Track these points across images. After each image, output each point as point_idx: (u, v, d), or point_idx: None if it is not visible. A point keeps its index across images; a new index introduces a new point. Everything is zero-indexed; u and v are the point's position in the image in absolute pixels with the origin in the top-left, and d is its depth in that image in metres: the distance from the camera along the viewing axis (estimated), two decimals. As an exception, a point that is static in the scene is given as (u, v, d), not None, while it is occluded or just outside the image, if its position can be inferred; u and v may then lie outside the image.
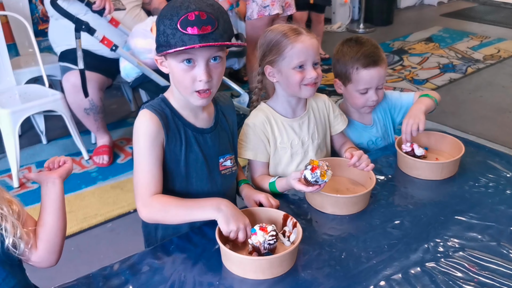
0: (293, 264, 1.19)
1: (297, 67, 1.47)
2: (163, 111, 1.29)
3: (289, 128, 1.57)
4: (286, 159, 1.58)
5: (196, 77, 1.20)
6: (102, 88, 2.99)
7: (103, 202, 2.72)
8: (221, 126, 1.40)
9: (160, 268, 1.18)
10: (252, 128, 1.54)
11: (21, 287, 1.13)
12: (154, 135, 1.25)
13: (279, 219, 1.29)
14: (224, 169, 1.41)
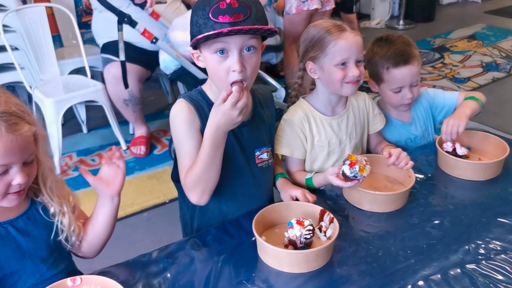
0: (328, 260, 1.19)
1: (340, 64, 1.45)
2: (199, 102, 1.31)
3: (327, 126, 1.56)
4: (323, 158, 1.57)
5: (230, 67, 1.19)
6: (142, 79, 3.05)
7: (140, 192, 2.78)
8: (259, 119, 1.40)
9: (197, 258, 1.20)
10: (289, 125, 1.53)
11: (68, 272, 1.17)
12: (190, 121, 1.27)
13: (315, 214, 1.29)
14: (261, 162, 1.41)
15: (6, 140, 0.95)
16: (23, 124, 0.98)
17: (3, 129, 0.95)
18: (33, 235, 1.10)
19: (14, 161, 0.99)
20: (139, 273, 1.14)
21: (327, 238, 1.24)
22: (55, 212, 1.11)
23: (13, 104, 0.99)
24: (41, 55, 3.07)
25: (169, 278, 1.13)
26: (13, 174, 1.00)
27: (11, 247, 1.08)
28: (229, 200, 1.41)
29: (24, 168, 1.02)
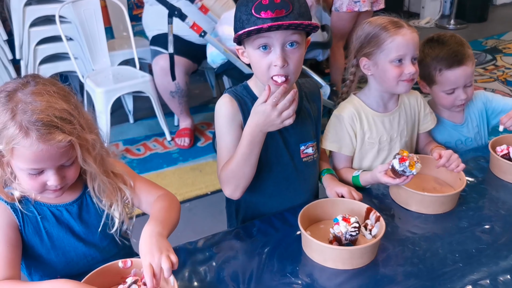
0: (373, 258, 1.18)
1: (396, 61, 1.42)
2: (243, 97, 1.32)
3: (379, 123, 1.54)
4: (372, 155, 1.55)
5: (272, 62, 1.19)
6: (188, 72, 3.10)
7: (183, 183, 2.83)
8: (305, 113, 1.40)
9: (242, 249, 1.22)
10: (339, 120, 1.52)
11: (123, 255, 1.20)
12: (232, 116, 1.30)
13: (361, 212, 1.28)
14: (306, 157, 1.41)
15: (36, 148, 0.95)
16: (57, 133, 0.95)
17: (34, 137, 0.94)
18: (85, 220, 1.15)
19: (47, 167, 1.00)
20: (186, 260, 1.17)
21: (373, 236, 1.23)
22: (105, 207, 1.14)
23: (54, 110, 0.96)
24: (94, 45, 3.17)
25: (214, 266, 1.15)
26: (48, 176, 1.01)
27: (65, 230, 1.12)
28: (273, 195, 1.42)
29: (61, 170, 1.02)
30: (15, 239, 1.06)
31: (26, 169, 0.99)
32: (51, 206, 1.11)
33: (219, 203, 2.58)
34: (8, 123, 0.95)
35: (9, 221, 1.05)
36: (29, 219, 1.07)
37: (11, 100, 0.97)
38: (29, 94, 0.97)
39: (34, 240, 1.09)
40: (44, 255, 1.11)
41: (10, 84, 1.01)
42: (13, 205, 1.06)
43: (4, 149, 0.97)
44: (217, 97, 3.92)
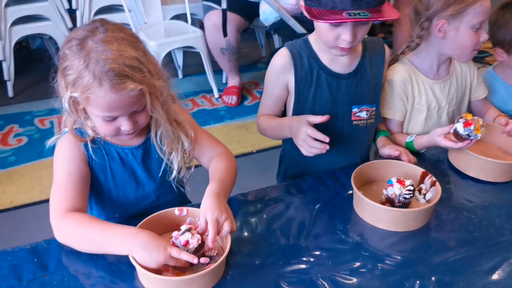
0: (426, 223, 1.16)
1: (476, 26, 1.36)
2: (300, 52, 1.32)
3: (429, 90, 1.49)
4: (419, 122, 1.51)
5: (341, 35, 1.19)
6: (240, 30, 3.07)
7: (229, 140, 2.85)
8: (363, 75, 1.36)
9: (293, 204, 1.22)
10: (392, 86, 1.47)
11: (178, 202, 1.25)
12: (281, 70, 1.33)
13: (416, 176, 1.25)
14: (357, 120, 1.38)
15: (110, 98, 0.96)
16: (129, 83, 0.96)
17: (107, 86, 0.95)
18: (147, 165, 1.18)
19: (119, 114, 1.02)
20: (237, 210, 1.18)
21: (427, 201, 1.21)
22: (165, 154, 1.16)
23: (125, 58, 0.96)
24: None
25: (265, 219, 1.16)
26: (121, 121, 1.03)
27: (128, 172, 1.16)
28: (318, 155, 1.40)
29: (133, 116, 1.04)
30: (86, 172, 1.10)
31: (101, 116, 1.01)
32: (118, 147, 1.14)
33: (264, 162, 2.61)
34: (83, 73, 0.96)
35: (81, 156, 1.09)
36: (97, 157, 1.11)
37: (83, 48, 0.97)
38: (100, 42, 0.97)
39: (99, 178, 1.13)
40: (106, 193, 1.16)
41: (79, 31, 1.01)
42: (85, 143, 1.10)
43: (79, 97, 0.99)
44: (266, 56, 3.90)
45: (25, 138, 2.82)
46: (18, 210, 2.28)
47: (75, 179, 1.07)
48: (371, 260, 1.04)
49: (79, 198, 1.06)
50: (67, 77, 0.98)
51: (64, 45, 1.01)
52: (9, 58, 3.13)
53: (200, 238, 0.99)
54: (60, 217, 1.02)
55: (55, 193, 1.07)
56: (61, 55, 1.01)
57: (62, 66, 1.00)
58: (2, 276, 0.98)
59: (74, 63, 0.97)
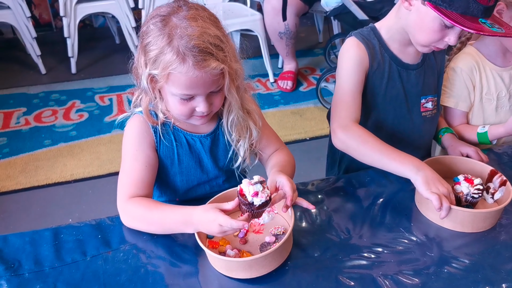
0: (494, 224, 1.10)
1: None
2: (371, 41, 1.26)
3: (498, 78, 1.42)
4: (490, 112, 1.44)
5: (445, 37, 1.14)
6: (299, 14, 3.02)
7: (282, 126, 2.83)
8: (428, 64, 1.32)
9: (354, 196, 1.19)
10: (458, 74, 1.40)
11: None
12: (359, 60, 1.24)
13: (484, 174, 1.19)
14: (425, 111, 1.34)
15: (192, 75, 0.95)
16: (212, 61, 0.95)
17: (190, 63, 0.94)
18: (214, 154, 1.17)
19: (198, 93, 1.00)
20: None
21: (495, 201, 1.15)
22: (233, 142, 1.15)
23: (209, 36, 0.95)
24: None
25: (326, 211, 1.14)
26: (197, 102, 1.02)
27: (195, 159, 1.16)
28: None
29: (209, 97, 1.03)
30: (153, 158, 1.10)
31: (179, 94, 1.00)
32: (187, 134, 1.14)
33: (317, 149, 2.58)
34: (165, 48, 0.96)
35: (149, 141, 1.10)
36: (165, 142, 1.11)
37: (167, 25, 0.97)
38: (184, 19, 0.96)
39: (165, 162, 1.14)
40: (171, 178, 1.16)
41: (163, 8, 1.01)
42: (155, 127, 1.10)
43: (160, 74, 0.98)
44: (323, 42, 3.82)
45: (86, 114, 2.91)
46: (77, 183, 2.37)
47: (142, 166, 1.08)
48: (436, 262, 0.99)
49: (145, 186, 1.07)
50: (149, 53, 0.98)
51: (146, 22, 1.01)
52: (73, 35, 3.23)
53: (270, 194, 0.95)
54: (126, 202, 1.04)
55: (122, 178, 1.08)
56: (143, 32, 1.01)
57: (143, 43, 1.00)
58: (68, 249, 1.01)
59: (157, 39, 0.97)
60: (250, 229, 1.07)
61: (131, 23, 3.34)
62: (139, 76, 1.04)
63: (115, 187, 1.07)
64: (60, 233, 1.06)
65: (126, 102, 3.03)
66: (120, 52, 3.61)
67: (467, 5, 1.06)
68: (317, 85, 2.96)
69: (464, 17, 1.07)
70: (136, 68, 1.05)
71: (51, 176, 2.40)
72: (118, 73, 3.32)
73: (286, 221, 1.07)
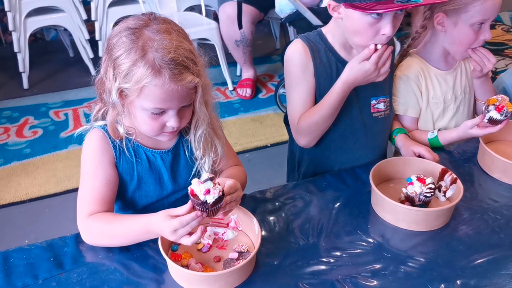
0: (447, 221, 1.13)
1: (477, 25, 1.32)
2: (316, 44, 1.29)
3: (442, 81, 1.46)
4: (437, 115, 1.48)
5: (381, 30, 1.16)
6: (254, 22, 3.03)
7: (243, 133, 2.83)
8: None
9: (312, 202, 1.20)
10: (405, 81, 1.44)
11: None
12: (305, 64, 1.27)
13: (435, 173, 1.22)
14: (376, 112, 1.36)
15: (167, 88, 0.94)
16: (187, 74, 0.94)
17: (166, 76, 0.93)
18: (174, 170, 1.15)
19: (171, 107, 0.99)
20: (255, 208, 1.16)
21: (447, 199, 1.18)
22: (197, 158, 1.13)
23: (184, 50, 0.95)
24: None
25: (284, 217, 1.14)
26: (168, 116, 1.00)
27: (155, 176, 1.13)
28: (338, 149, 1.38)
29: (180, 112, 1.01)
30: (113, 175, 1.07)
31: (151, 108, 0.98)
32: (147, 150, 1.11)
33: (278, 155, 2.58)
34: (139, 62, 0.93)
35: (109, 157, 1.07)
36: (125, 158, 1.08)
37: (140, 37, 0.95)
38: (157, 32, 0.94)
39: (125, 178, 1.11)
40: (129, 193, 1.13)
41: (131, 21, 0.98)
42: (115, 142, 1.07)
43: (131, 88, 0.95)
44: (281, 48, 3.85)
45: (40, 130, 2.83)
46: (33, 203, 2.29)
47: (102, 183, 1.05)
48: (393, 262, 1.01)
49: (105, 203, 1.04)
50: (120, 66, 0.96)
51: (115, 34, 0.98)
52: (24, 49, 3.13)
53: (222, 190, 0.94)
54: (86, 220, 1.02)
55: (82, 196, 1.05)
56: (112, 44, 0.98)
57: (113, 56, 0.97)
58: (18, 274, 0.97)
59: (130, 52, 0.94)
60: (214, 245, 1.06)
61: (84, 36, 3.27)
62: (105, 90, 1.01)
63: (73, 204, 1.05)
64: (10, 257, 1.01)
65: (83, 116, 2.96)
66: (75, 66, 3.53)
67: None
68: (276, 91, 2.98)
69: (380, 3, 1.10)
70: (102, 81, 1.02)
71: (5, 197, 2.30)
72: (73, 87, 3.24)
73: (250, 238, 1.07)
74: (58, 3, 3.15)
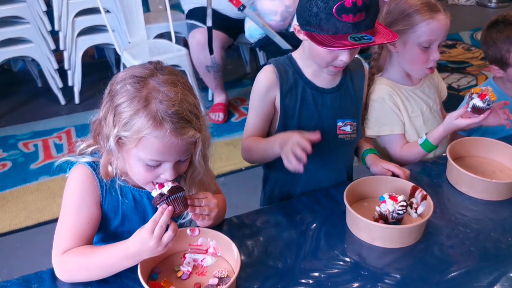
0: (420, 237, 1.16)
1: (423, 45, 1.40)
2: (285, 67, 1.33)
3: (414, 96, 1.53)
4: (420, 127, 1.53)
5: (338, 57, 1.22)
6: (224, 47, 3.08)
7: (217, 158, 2.81)
8: (346, 90, 1.39)
9: (289, 225, 1.21)
10: (381, 103, 1.49)
11: None
12: (265, 91, 1.33)
13: (406, 190, 1.26)
14: (342, 134, 1.39)
15: (168, 141, 0.93)
16: (189, 129, 0.94)
17: (168, 130, 0.92)
18: None
19: (169, 160, 0.98)
20: (233, 234, 1.16)
21: (418, 215, 1.22)
22: None
23: (188, 104, 0.95)
24: (131, 18, 3.16)
25: (262, 241, 1.15)
26: (163, 169, 0.99)
27: (139, 215, 1.12)
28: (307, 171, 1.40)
29: (177, 165, 1.00)
30: (96, 214, 1.06)
31: (148, 160, 0.96)
32: (134, 189, 1.10)
33: (253, 178, 2.60)
34: (141, 111, 0.93)
35: (95, 196, 1.05)
36: (111, 197, 1.07)
37: (145, 87, 0.94)
38: (163, 83, 0.94)
39: (108, 215, 1.09)
40: (112, 230, 1.12)
41: (138, 69, 0.98)
42: (102, 181, 1.05)
43: (130, 137, 0.94)
44: (251, 72, 3.91)
45: (9, 163, 2.77)
46: (4, 237, 2.23)
47: (84, 221, 1.03)
48: (370, 280, 1.03)
49: (84, 241, 1.03)
50: (121, 114, 0.94)
51: (119, 81, 0.97)
52: (-10, 81, 3.09)
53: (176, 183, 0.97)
54: (61, 257, 1.00)
55: (60, 231, 1.03)
56: (115, 91, 0.96)
57: (115, 103, 0.95)
58: (-7, 312, 0.95)
59: (133, 100, 0.93)
60: (193, 271, 1.06)
61: (53, 65, 3.24)
62: (101, 134, 1.00)
63: (46, 237, 1.03)
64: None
65: (53, 147, 2.91)
66: (43, 96, 3.48)
67: (335, 26, 1.14)
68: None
69: (335, 37, 1.15)
70: (100, 124, 1.01)
71: (-26, 233, 2.24)
72: (42, 118, 3.19)
73: (229, 263, 1.07)
74: (25, 34, 3.13)
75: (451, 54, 3.95)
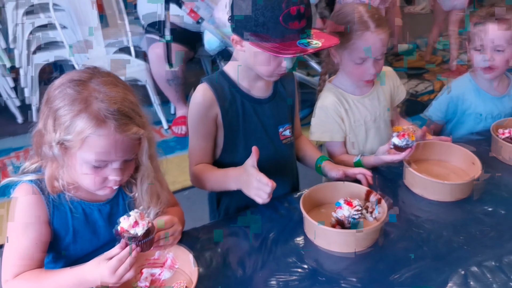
0: (376, 240, 1.18)
1: (356, 61, 1.44)
2: (220, 83, 1.32)
3: (360, 105, 1.56)
4: (361, 137, 1.57)
5: (281, 63, 1.24)
6: (185, 60, 3.08)
7: (181, 171, 2.81)
8: (280, 97, 1.42)
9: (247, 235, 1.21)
10: (324, 111, 1.53)
11: None
12: (205, 110, 1.30)
13: (361, 195, 1.28)
14: (285, 139, 1.43)
15: (112, 139, 0.93)
16: (133, 125, 0.95)
17: (112, 127, 0.93)
18: (113, 221, 1.09)
19: (115, 159, 0.98)
20: (191, 246, 1.15)
21: (374, 218, 1.24)
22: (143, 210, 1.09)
23: (129, 102, 0.96)
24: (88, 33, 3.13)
25: (220, 252, 1.15)
26: (111, 170, 0.99)
27: (91, 229, 1.09)
28: None
29: (123, 165, 1.00)
30: (45, 234, 1.03)
31: (94, 161, 0.96)
32: (84, 203, 1.08)
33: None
34: (82, 112, 0.92)
35: (42, 215, 1.02)
36: (59, 214, 1.05)
37: (85, 89, 0.94)
38: (103, 84, 0.95)
39: (59, 232, 1.06)
40: (63, 246, 1.09)
41: (75, 73, 0.98)
42: (48, 197, 1.03)
43: (74, 139, 0.93)
44: (213, 85, 3.91)
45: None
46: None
47: (32, 243, 1.01)
48: (327, 285, 1.04)
49: (34, 263, 1.00)
50: (61, 118, 0.94)
51: (56, 87, 0.97)
52: None
53: (151, 222, 0.95)
54: (11, 282, 0.97)
55: (8, 256, 1.00)
56: (54, 96, 0.96)
57: (53, 108, 0.95)
58: None
59: (74, 103, 0.93)
60: (151, 286, 1.05)
61: (9, 84, 3.17)
62: (44, 143, 0.98)
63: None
64: None
65: (11, 167, 2.83)
66: (0, 115, 3.39)
67: (282, 33, 1.16)
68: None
69: (283, 44, 1.16)
70: (40, 134, 0.99)
71: None
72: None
73: (188, 275, 1.06)
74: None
75: (409, 61, 4.06)
